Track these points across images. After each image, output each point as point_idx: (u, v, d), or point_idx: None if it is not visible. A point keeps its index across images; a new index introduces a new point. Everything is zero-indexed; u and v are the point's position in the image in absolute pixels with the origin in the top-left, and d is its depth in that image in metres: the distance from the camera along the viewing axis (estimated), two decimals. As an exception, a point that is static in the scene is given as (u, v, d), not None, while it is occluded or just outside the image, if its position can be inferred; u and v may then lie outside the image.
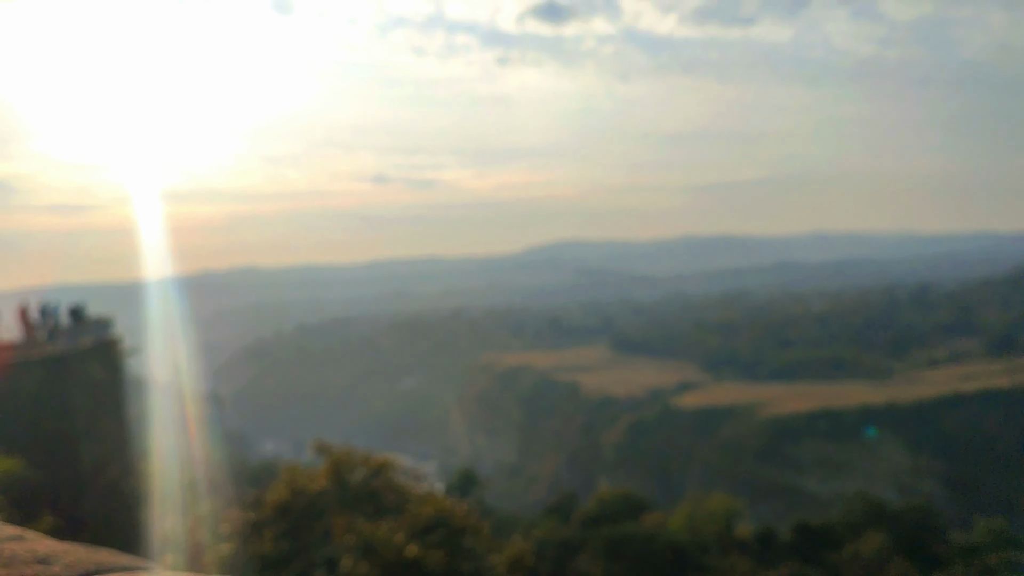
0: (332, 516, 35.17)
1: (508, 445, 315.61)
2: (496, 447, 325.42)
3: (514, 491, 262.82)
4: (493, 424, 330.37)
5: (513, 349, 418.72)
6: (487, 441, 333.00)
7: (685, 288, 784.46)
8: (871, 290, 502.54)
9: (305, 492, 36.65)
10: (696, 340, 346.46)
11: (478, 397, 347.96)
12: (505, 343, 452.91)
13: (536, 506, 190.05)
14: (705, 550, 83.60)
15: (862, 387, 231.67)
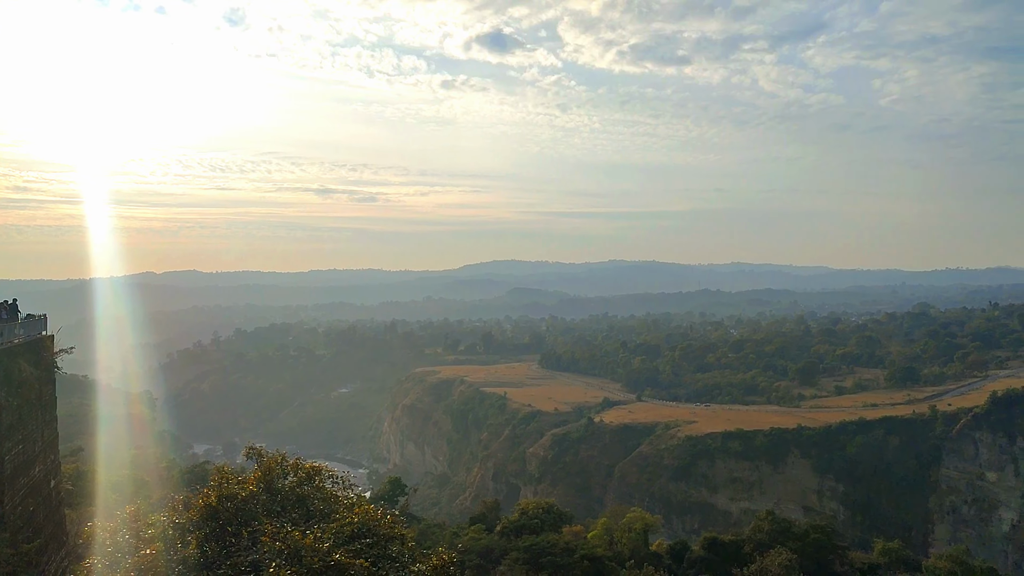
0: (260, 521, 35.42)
1: (437, 455, 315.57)
2: (425, 456, 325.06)
3: (441, 500, 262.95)
4: (423, 434, 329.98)
5: (446, 362, 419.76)
6: (417, 450, 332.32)
7: (612, 310, 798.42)
8: (785, 320, 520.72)
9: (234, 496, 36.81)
10: (621, 360, 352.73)
11: (410, 407, 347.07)
12: (439, 356, 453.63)
13: (462, 515, 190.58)
14: (622, 562, 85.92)
15: (774, 411, 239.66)
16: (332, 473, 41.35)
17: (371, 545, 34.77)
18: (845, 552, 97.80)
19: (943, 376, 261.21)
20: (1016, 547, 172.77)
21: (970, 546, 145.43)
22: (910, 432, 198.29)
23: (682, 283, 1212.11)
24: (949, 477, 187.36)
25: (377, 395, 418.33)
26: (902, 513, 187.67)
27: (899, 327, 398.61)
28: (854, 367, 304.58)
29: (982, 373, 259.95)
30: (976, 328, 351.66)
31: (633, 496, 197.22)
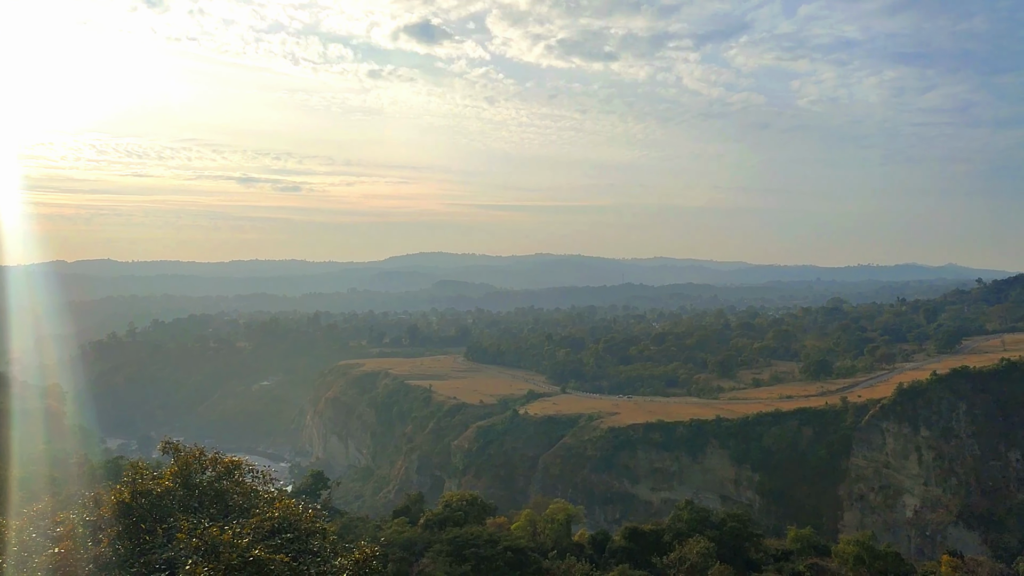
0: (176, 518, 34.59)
1: (361, 448, 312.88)
2: (349, 450, 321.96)
3: (364, 493, 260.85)
4: (347, 427, 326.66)
5: (371, 355, 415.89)
6: (340, 444, 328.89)
7: (538, 303, 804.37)
8: (706, 314, 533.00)
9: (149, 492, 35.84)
10: (546, 353, 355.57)
11: (334, 400, 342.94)
12: (363, 348, 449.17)
13: (385, 508, 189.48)
14: (544, 553, 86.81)
15: (694, 403, 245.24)
16: (252, 467, 40.59)
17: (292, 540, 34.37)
18: (760, 539, 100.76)
19: (854, 368, 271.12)
20: (918, 532, 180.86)
21: (876, 531, 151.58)
22: (822, 423, 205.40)
23: (607, 277, 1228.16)
24: (858, 466, 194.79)
25: (300, 388, 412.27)
26: (814, 501, 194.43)
27: (813, 321, 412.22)
28: (771, 360, 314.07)
29: (890, 366, 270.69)
30: (885, 322, 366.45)
31: (557, 487, 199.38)
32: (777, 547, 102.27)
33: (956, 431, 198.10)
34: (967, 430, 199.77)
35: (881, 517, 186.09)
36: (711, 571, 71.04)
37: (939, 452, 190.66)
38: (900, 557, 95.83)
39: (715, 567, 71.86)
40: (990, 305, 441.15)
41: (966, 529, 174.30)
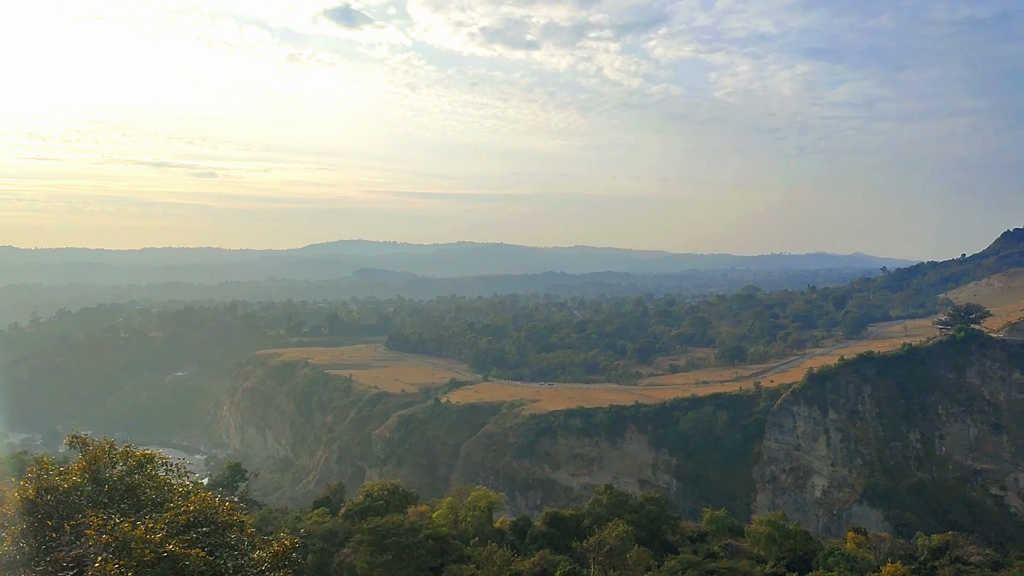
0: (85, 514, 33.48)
1: (280, 439, 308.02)
2: (267, 441, 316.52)
3: (283, 484, 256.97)
4: (265, 418, 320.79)
5: (290, 344, 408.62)
6: (258, 435, 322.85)
7: (460, 291, 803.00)
8: (625, 302, 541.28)
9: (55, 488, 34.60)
10: (468, 341, 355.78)
11: (251, 391, 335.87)
12: (282, 338, 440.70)
13: (305, 499, 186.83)
14: (466, 540, 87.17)
15: (613, 389, 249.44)
16: (166, 460, 39.59)
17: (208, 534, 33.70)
18: (677, 522, 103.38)
19: (767, 354, 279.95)
20: (826, 511, 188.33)
21: (787, 511, 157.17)
22: (737, 407, 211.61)
23: (529, 265, 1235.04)
24: (770, 448, 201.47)
25: (216, 379, 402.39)
26: (729, 483, 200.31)
27: (729, 309, 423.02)
28: (688, 346, 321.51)
29: (801, 351, 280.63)
30: (796, 309, 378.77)
31: (478, 475, 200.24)
32: (693, 529, 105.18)
33: (862, 413, 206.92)
34: (872, 412, 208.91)
35: (792, 497, 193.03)
36: (630, 554, 72.45)
37: (846, 434, 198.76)
38: (808, 535, 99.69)
39: (633, 550, 73.30)
40: (893, 292, 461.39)
41: (870, 507, 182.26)
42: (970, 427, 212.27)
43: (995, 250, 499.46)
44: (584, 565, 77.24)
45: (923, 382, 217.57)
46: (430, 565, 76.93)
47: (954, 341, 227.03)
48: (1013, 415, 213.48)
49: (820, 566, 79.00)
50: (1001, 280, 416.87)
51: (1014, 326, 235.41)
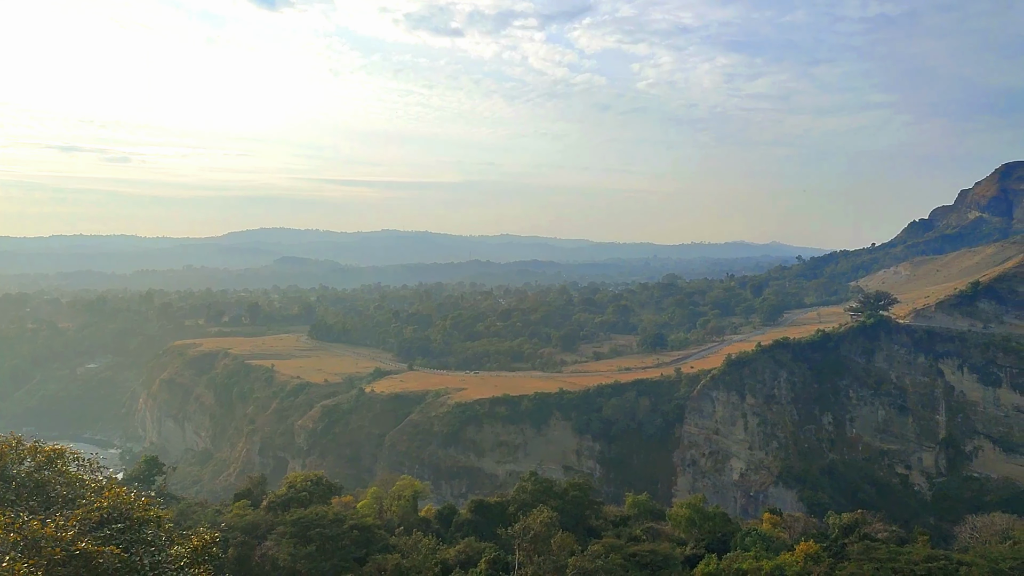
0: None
1: (199, 431, 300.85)
2: (186, 433, 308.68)
3: (203, 477, 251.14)
4: (184, 410, 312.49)
5: (209, 334, 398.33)
6: (176, 427, 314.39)
7: (385, 280, 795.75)
8: (550, 290, 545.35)
9: (-43, 487, 33.31)
10: (393, 330, 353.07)
11: (169, 382, 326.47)
12: (201, 328, 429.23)
13: (226, 492, 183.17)
14: (391, 530, 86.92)
15: (538, 377, 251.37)
16: (77, 455, 38.55)
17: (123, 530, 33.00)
18: (600, 507, 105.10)
19: (687, 341, 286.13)
20: (743, 493, 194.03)
21: (706, 494, 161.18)
22: (658, 393, 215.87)
23: (454, 254, 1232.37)
24: (690, 433, 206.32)
25: (131, 370, 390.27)
26: (651, 468, 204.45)
27: (651, 297, 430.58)
28: (611, 334, 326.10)
29: (720, 338, 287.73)
30: (716, 297, 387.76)
31: (403, 464, 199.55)
32: (616, 513, 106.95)
33: (778, 398, 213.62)
34: (787, 396, 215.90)
35: (711, 481, 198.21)
36: (554, 540, 73.30)
37: (763, 418, 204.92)
38: (727, 517, 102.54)
39: (558, 535, 74.18)
40: (808, 280, 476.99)
41: (785, 488, 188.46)
42: (878, 409, 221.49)
43: (902, 240, 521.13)
44: (509, 552, 77.86)
45: (835, 367, 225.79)
46: (354, 555, 76.44)
47: (864, 327, 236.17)
48: (918, 397, 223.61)
49: (738, 547, 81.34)
50: (907, 268, 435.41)
51: (919, 312, 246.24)
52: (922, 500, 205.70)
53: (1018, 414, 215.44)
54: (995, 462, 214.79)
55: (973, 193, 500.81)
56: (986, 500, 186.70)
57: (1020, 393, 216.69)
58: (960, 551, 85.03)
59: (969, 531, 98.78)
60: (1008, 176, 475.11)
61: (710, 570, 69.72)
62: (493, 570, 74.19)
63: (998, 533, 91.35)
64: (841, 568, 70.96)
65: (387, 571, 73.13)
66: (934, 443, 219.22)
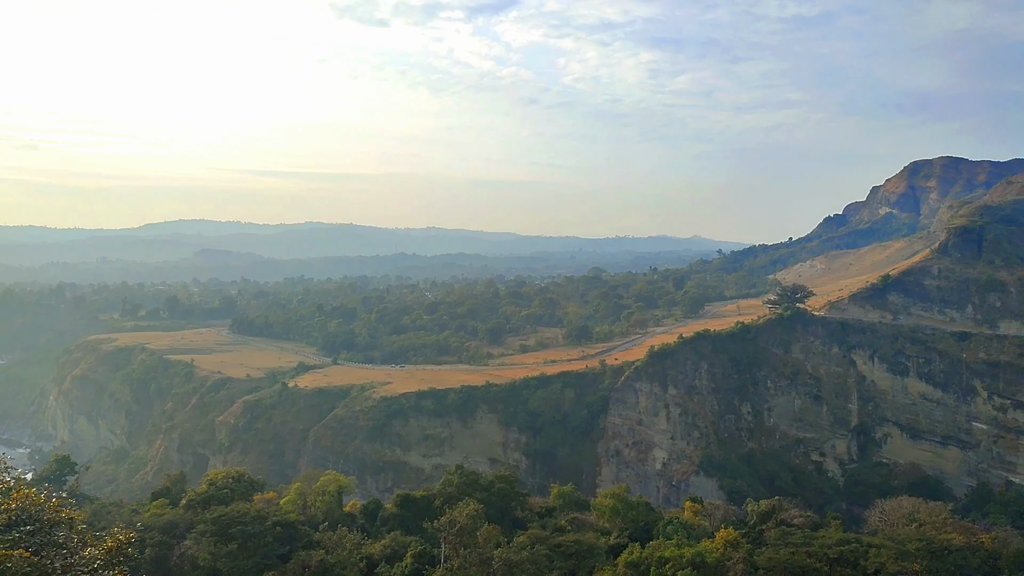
0: None
1: (114, 428, 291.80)
2: (100, 431, 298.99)
3: (118, 476, 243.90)
4: (98, 407, 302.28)
5: (125, 329, 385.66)
6: (90, 425, 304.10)
7: (308, 273, 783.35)
8: (477, 283, 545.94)
9: None
10: (317, 324, 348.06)
11: (82, 378, 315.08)
12: (116, 322, 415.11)
13: (142, 491, 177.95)
14: (315, 526, 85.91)
15: (465, 370, 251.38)
16: (-19, 456, 36.85)
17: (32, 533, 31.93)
18: (526, 498, 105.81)
19: (612, 333, 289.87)
20: (666, 482, 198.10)
21: (630, 484, 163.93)
22: (583, 385, 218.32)
23: (380, 247, 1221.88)
24: (614, 424, 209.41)
25: (40, 366, 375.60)
26: (576, 459, 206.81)
27: (576, 289, 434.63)
28: (537, 326, 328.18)
29: (643, 330, 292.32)
30: (639, 290, 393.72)
31: (328, 459, 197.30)
32: (541, 505, 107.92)
33: (699, 388, 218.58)
34: (708, 387, 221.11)
35: (634, 471, 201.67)
36: (480, 532, 73.58)
37: (684, 408, 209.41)
38: (650, 506, 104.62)
39: (484, 528, 74.49)
40: (728, 273, 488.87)
41: (705, 477, 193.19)
42: (795, 399, 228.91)
43: (818, 234, 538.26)
44: (435, 545, 77.90)
45: (754, 357, 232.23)
46: (277, 553, 75.35)
47: (781, 319, 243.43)
48: (832, 387, 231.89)
49: (660, 535, 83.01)
50: (823, 262, 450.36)
51: (833, 305, 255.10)
52: (835, 486, 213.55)
53: (924, 402, 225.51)
54: (903, 448, 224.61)
55: (884, 190, 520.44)
56: (894, 485, 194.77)
57: (926, 382, 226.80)
58: (870, 534, 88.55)
59: (878, 515, 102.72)
60: (916, 174, 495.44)
61: (633, 559, 70.98)
62: (419, 564, 74.12)
63: (905, 516, 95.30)
64: (759, 554, 73.15)
65: (311, 568, 72.33)
66: (846, 431, 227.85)
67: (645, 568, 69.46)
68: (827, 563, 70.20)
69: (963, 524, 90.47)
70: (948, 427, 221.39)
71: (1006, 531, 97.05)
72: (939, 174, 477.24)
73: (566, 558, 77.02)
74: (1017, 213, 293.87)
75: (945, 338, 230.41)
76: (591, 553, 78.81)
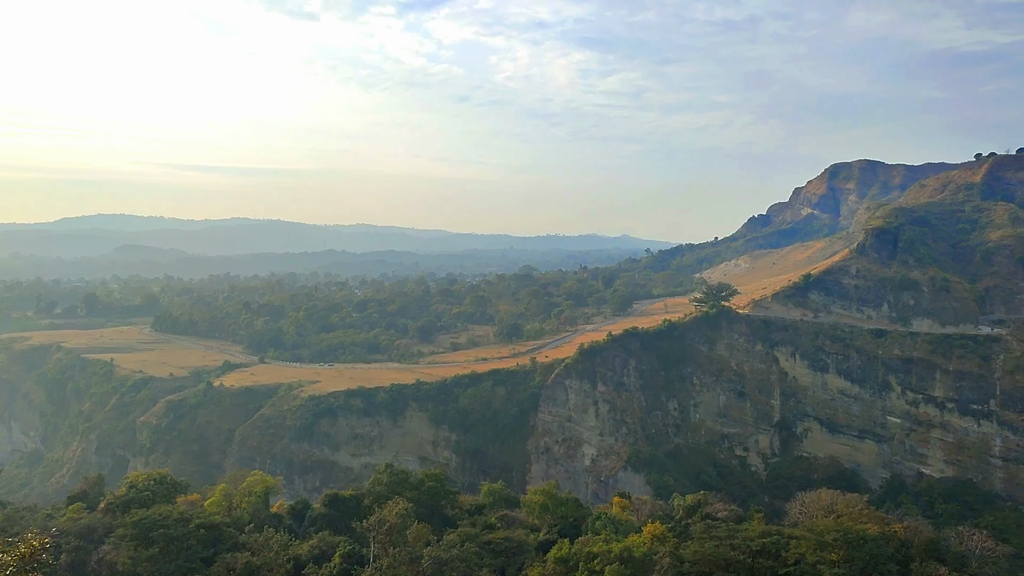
0: None
1: (27, 430, 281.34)
2: (12, 433, 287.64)
3: (32, 480, 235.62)
4: (9, 408, 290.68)
5: (39, 327, 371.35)
6: (2, 427, 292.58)
7: (235, 270, 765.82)
8: (407, 281, 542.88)
9: None
10: (243, 322, 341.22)
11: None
12: (29, 320, 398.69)
13: (58, 495, 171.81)
14: (241, 527, 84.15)
15: (395, 368, 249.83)
16: None
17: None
18: (456, 496, 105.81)
19: (542, 331, 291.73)
20: (594, 478, 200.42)
21: (559, 480, 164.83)
22: (514, 382, 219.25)
23: (309, 243, 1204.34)
24: (544, 421, 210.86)
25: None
26: (506, 456, 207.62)
27: (507, 288, 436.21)
28: (468, 324, 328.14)
29: (573, 327, 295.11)
30: (570, 288, 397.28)
31: (255, 459, 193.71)
32: (471, 502, 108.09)
33: (627, 385, 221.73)
34: (636, 384, 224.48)
35: (564, 467, 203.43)
36: (409, 531, 73.34)
37: (613, 405, 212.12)
38: (579, 502, 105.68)
39: (413, 526, 74.29)
40: (656, 272, 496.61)
41: (633, 472, 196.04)
42: (720, 395, 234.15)
43: (743, 234, 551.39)
44: (364, 545, 77.27)
45: (680, 355, 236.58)
46: (201, 556, 73.68)
47: (707, 317, 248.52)
48: (755, 383, 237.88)
49: (589, 530, 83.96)
50: (747, 261, 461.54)
51: (757, 303, 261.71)
52: (758, 480, 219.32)
53: (843, 397, 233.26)
54: (822, 442, 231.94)
55: (805, 191, 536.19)
56: (814, 478, 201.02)
57: (844, 378, 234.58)
58: (790, 526, 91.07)
59: (799, 507, 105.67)
60: (836, 176, 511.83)
61: (562, 555, 71.62)
62: (348, 564, 73.42)
63: (824, 508, 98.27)
64: (685, 547, 74.57)
65: (236, 570, 70.98)
66: (769, 426, 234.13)
67: (574, 564, 70.17)
68: (750, 555, 71.99)
69: (878, 515, 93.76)
70: (865, 421, 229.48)
71: (917, 521, 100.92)
72: (857, 176, 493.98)
73: (496, 555, 77.33)
74: (929, 215, 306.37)
75: (863, 335, 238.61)
76: (521, 550, 79.30)
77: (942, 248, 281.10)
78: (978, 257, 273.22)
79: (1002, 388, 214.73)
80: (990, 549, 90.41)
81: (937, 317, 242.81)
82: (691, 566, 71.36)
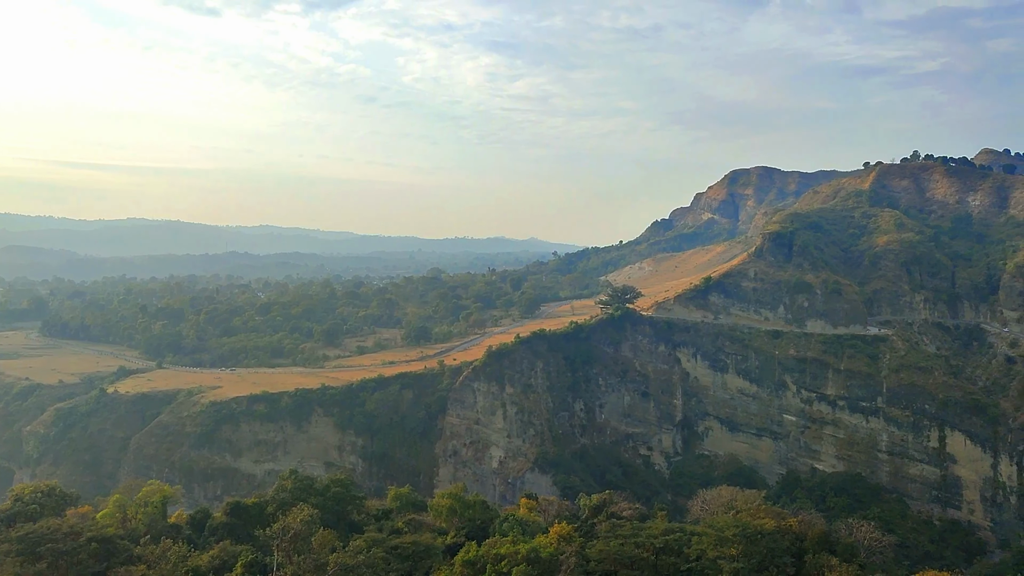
0: None
1: None
2: None
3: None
4: None
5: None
6: None
7: (131, 272, 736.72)
8: (312, 283, 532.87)
9: None
10: (140, 326, 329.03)
11: None
12: None
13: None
14: (136, 539, 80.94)
15: (300, 372, 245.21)
16: None
17: None
18: (362, 501, 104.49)
19: (451, 334, 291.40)
20: (502, 480, 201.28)
21: (467, 483, 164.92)
22: (422, 386, 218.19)
23: (209, 245, 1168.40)
24: (452, 424, 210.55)
25: None
26: (413, 460, 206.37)
27: (415, 290, 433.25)
28: (375, 327, 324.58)
29: (481, 330, 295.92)
30: (478, 291, 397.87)
31: (152, 468, 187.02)
32: (378, 507, 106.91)
33: (535, 387, 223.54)
34: (543, 385, 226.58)
35: (472, 470, 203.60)
36: (314, 538, 72.03)
37: (520, 407, 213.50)
38: (487, 504, 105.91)
39: (319, 533, 72.99)
40: (563, 275, 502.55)
41: (540, 473, 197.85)
42: (624, 396, 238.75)
43: (646, 237, 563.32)
44: (268, 553, 75.47)
45: (587, 356, 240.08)
46: (93, 570, 70.57)
47: (612, 319, 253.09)
48: (659, 383, 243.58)
49: (496, 532, 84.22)
50: (651, 264, 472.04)
51: (660, 305, 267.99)
52: (662, 478, 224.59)
53: (742, 396, 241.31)
54: (722, 440, 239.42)
55: (706, 196, 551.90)
56: (714, 475, 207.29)
57: (743, 378, 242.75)
58: (692, 523, 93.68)
59: (700, 504, 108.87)
60: (735, 182, 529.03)
61: (469, 557, 71.63)
62: (250, 573, 71.65)
63: (723, 504, 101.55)
64: (591, 546, 75.73)
65: (131, 584, 68.29)
66: (672, 425, 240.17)
67: (482, 566, 70.29)
68: (654, 552, 73.68)
69: (774, 509, 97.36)
70: (762, 419, 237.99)
71: (811, 515, 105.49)
72: (755, 183, 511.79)
73: (403, 560, 76.77)
74: (822, 220, 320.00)
75: (760, 336, 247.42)
76: (428, 553, 78.93)
77: (834, 252, 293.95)
78: (867, 261, 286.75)
79: (888, 386, 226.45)
80: (877, 540, 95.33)
81: (829, 318, 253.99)
82: (597, 565, 72.56)
